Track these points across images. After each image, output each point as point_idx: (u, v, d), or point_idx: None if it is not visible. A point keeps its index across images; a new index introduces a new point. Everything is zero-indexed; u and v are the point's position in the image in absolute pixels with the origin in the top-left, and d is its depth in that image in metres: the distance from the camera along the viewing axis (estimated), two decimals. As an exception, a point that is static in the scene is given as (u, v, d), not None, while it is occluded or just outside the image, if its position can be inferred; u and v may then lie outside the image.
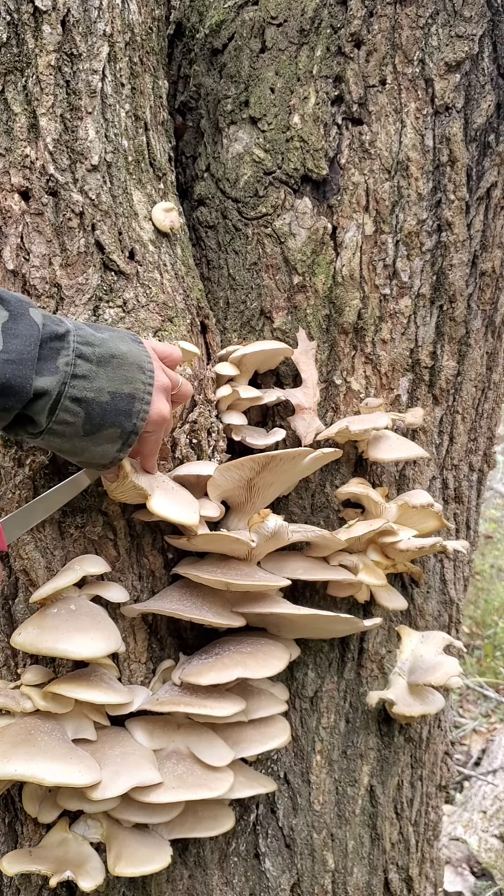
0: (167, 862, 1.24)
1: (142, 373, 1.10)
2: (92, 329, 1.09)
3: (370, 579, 1.41)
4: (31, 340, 1.01)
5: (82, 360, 1.05)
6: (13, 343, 1.00)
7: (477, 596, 4.96)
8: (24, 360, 1.00)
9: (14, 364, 0.99)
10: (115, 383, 1.07)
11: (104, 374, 1.07)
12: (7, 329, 1.00)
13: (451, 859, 2.85)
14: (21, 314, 1.02)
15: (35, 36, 1.24)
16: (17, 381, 1.00)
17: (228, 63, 1.54)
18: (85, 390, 1.05)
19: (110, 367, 1.07)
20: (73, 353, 1.04)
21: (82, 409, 1.05)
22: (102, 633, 1.21)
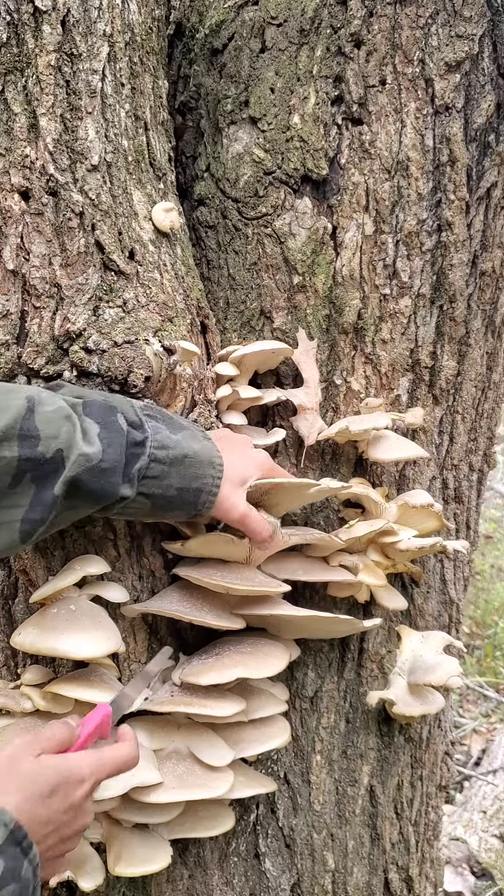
0: (167, 862, 1.24)
1: (211, 468, 1.20)
2: (168, 429, 1.17)
3: (370, 579, 1.41)
4: (121, 449, 1.10)
5: (155, 462, 1.14)
6: (109, 453, 1.09)
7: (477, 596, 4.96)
8: (116, 468, 1.09)
9: (109, 472, 1.09)
10: (185, 480, 1.17)
11: (174, 473, 1.16)
12: (102, 438, 1.09)
13: (451, 859, 2.85)
14: (110, 422, 1.11)
15: (35, 36, 1.24)
16: (109, 487, 1.10)
17: (228, 63, 1.54)
18: (153, 487, 1.15)
19: (182, 467, 1.17)
20: (148, 458, 1.13)
21: (149, 500, 1.16)
22: (102, 633, 1.21)
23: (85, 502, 1.10)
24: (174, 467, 1.16)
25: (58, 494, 1.05)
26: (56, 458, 1.04)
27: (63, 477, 1.05)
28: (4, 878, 0.86)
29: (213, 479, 1.20)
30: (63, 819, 0.97)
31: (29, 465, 1.03)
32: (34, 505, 1.04)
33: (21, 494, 1.04)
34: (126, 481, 1.11)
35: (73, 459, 1.05)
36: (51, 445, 1.04)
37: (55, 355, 1.23)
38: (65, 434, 1.05)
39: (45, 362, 1.23)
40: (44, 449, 1.04)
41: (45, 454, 1.04)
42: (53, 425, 1.05)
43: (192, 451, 1.18)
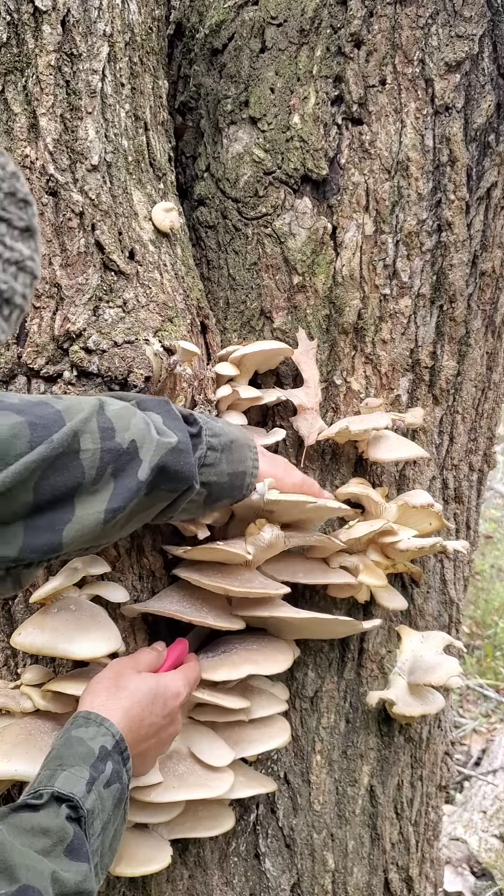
0: (167, 862, 1.24)
1: (250, 451, 1.27)
2: (209, 419, 1.24)
3: (370, 580, 1.41)
4: (184, 430, 1.16)
5: (211, 450, 1.19)
6: (180, 437, 1.14)
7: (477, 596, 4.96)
8: (187, 448, 1.15)
9: (186, 454, 1.14)
10: (234, 465, 1.23)
11: (225, 459, 1.22)
12: (167, 426, 1.14)
13: (451, 859, 2.85)
14: (168, 411, 1.16)
15: (35, 36, 1.24)
16: (187, 468, 1.14)
17: (228, 63, 1.54)
18: (210, 475, 1.20)
19: (230, 452, 1.23)
20: (206, 446, 1.18)
21: (206, 489, 1.20)
22: (102, 633, 1.21)
23: (168, 486, 1.14)
24: (225, 453, 1.21)
25: (143, 480, 1.09)
26: (131, 449, 1.08)
27: (150, 462, 1.09)
28: (112, 778, 1.02)
29: (252, 462, 1.27)
30: (162, 724, 1.14)
31: (110, 456, 1.06)
32: (115, 494, 1.08)
33: (103, 489, 1.07)
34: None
35: (152, 447, 1.10)
36: (125, 436, 1.08)
37: (55, 355, 1.23)
38: (134, 426, 1.09)
39: (45, 362, 1.23)
40: (120, 440, 1.08)
41: (121, 445, 1.08)
42: (123, 419, 1.09)
43: (234, 436, 1.24)
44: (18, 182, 0.70)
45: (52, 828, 0.93)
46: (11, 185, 0.69)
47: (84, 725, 1.05)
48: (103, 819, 0.99)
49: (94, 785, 0.99)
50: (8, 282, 0.68)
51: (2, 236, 0.67)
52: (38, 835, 0.92)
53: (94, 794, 0.99)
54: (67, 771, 0.99)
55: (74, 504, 1.05)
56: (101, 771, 1.01)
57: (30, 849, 0.90)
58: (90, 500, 1.06)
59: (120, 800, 1.04)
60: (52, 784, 0.97)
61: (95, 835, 0.98)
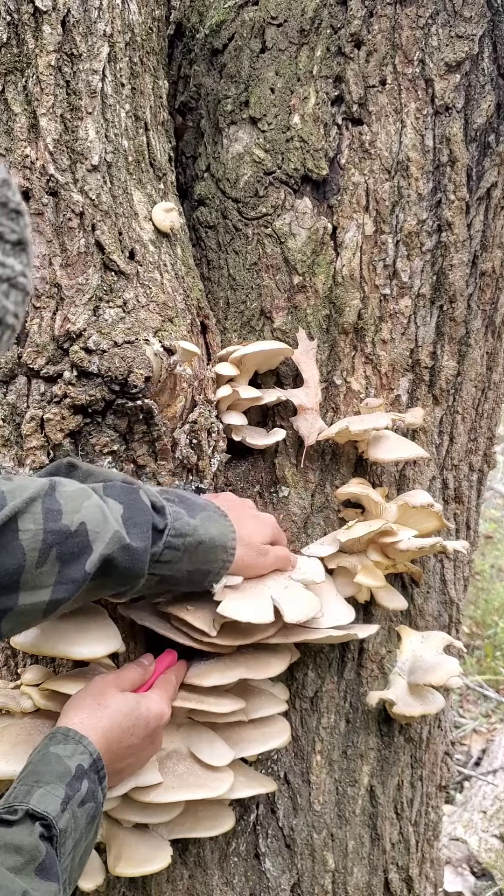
0: (167, 862, 1.24)
1: (224, 552, 1.22)
2: (187, 513, 1.18)
3: (368, 581, 1.41)
4: (147, 529, 1.11)
5: (170, 549, 1.14)
6: (135, 533, 1.10)
7: (477, 596, 4.96)
8: (146, 548, 1.11)
9: (139, 552, 1.10)
10: (196, 564, 1.19)
11: (187, 558, 1.17)
12: (126, 519, 1.10)
13: (451, 859, 2.85)
14: (134, 502, 1.12)
15: (35, 36, 1.24)
16: (138, 566, 1.11)
17: (228, 63, 1.54)
18: (165, 570, 1.16)
19: (196, 553, 1.18)
20: (163, 545, 1.14)
21: (157, 578, 1.16)
22: (102, 633, 1.21)
23: (114, 581, 1.11)
24: (187, 553, 1.17)
25: (89, 571, 1.06)
26: (80, 531, 1.05)
27: (98, 554, 1.06)
28: (87, 797, 1.02)
29: (223, 563, 1.22)
30: (141, 745, 1.13)
31: (54, 538, 1.04)
32: (59, 583, 1.05)
33: (47, 574, 1.04)
34: None
35: (107, 536, 1.06)
36: (74, 519, 1.05)
37: (55, 355, 1.23)
38: (86, 509, 1.06)
39: (45, 362, 1.23)
40: (67, 522, 1.05)
41: (69, 527, 1.04)
42: (75, 501, 1.06)
43: (209, 537, 1.19)
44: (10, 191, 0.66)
45: (25, 846, 0.93)
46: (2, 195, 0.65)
47: (63, 742, 1.05)
48: (75, 837, 0.99)
49: (68, 804, 0.99)
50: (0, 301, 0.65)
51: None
52: (11, 852, 0.92)
53: (69, 813, 0.98)
54: (43, 788, 0.98)
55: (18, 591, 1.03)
56: (76, 790, 1.00)
57: (2, 866, 0.90)
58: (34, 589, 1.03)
59: (93, 818, 1.03)
60: (27, 801, 0.97)
61: (66, 853, 0.97)
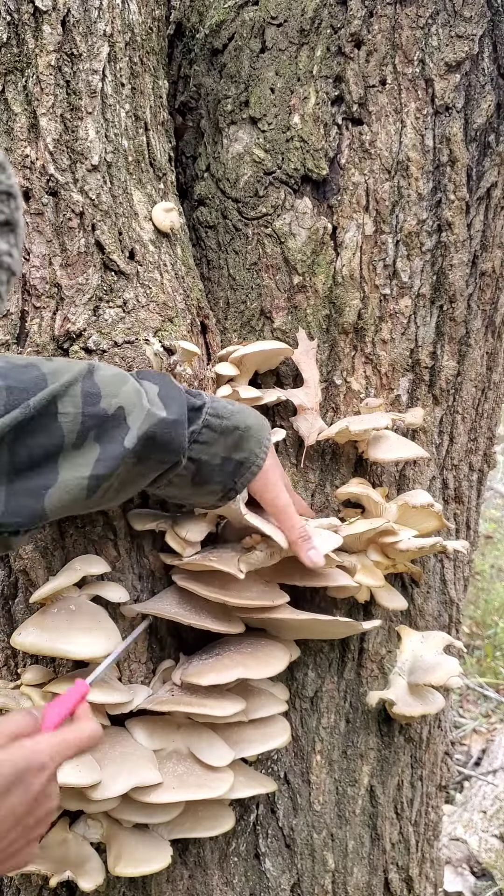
0: (167, 862, 1.24)
1: (259, 446, 1.22)
2: (227, 403, 1.21)
3: (368, 580, 1.41)
4: (182, 403, 1.13)
5: (207, 429, 1.16)
6: (172, 407, 1.12)
7: (477, 596, 4.96)
8: (182, 420, 1.12)
9: (176, 423, 1.11)
10: (230, 451, 1.19)
11: (223, 442, 1.18)
12: (162, 396, 1.12)
13: (451, 859, 2.85)
14: (167, 383, 1.15)
15: (35, 36, 1.24)
16: (178, 439, 1.12)
17: (228, 63, 1.54)
18: (201, 453, 1.16)
19: (231, 437, 1.19)
20: (202, 423, 1.15)
21: (195, 465, 1.17)
22: (103, 633, 1.21)
23: (158, 456, 1.12)
24: (223, 436, 1.18)
25: (129, 448, 1.07)
26: (118, 415, 1.07)
27: (137, 430, 1.08)
28: None
29: (256, 457, 1.21)
30: (24, 810, 0.92)
31: (92, 421, 1.06)
32: (100, 460, 1.07)
33: (86, 454, 1.06)
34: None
35: (141, 416, 1.08)
36: (112, 402, 1.07)
37: (55, 355, 1.23)
38: (124, 393, 1.08)
39: (45, 362, 1.23)
40: (105, 405, 1.07)
41: (106, 410, 1.07)
42: (113, 385, 1.08)
43: (245, 426, 1.20)
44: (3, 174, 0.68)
45: None
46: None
47: None
48: None
49: None
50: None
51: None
52: None
53: None
54: None
55: (58, 468, 1.04)
56: None
57: None
58: (73, 465, 1.05)
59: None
60: None
61: None
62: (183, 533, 1.29)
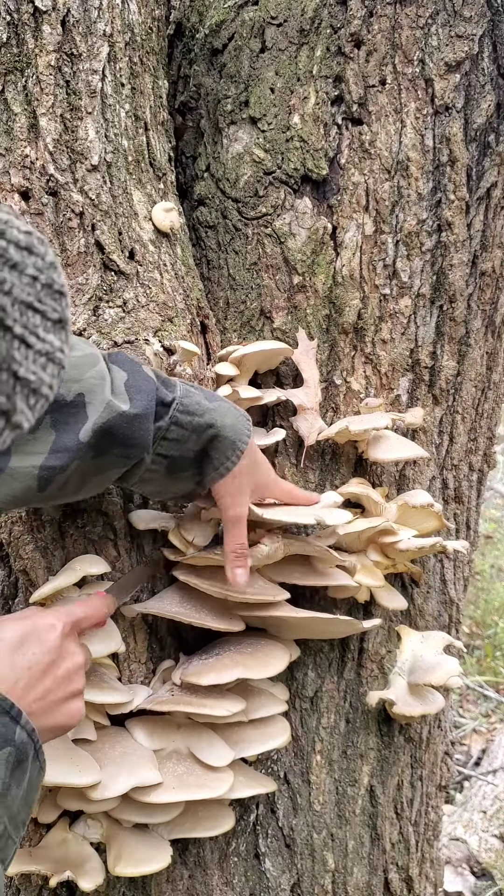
0: (167, 862, 1.24)
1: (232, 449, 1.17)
2: (205, 397, 1.15)
3: (367, 580, 1.41)
4: (150, 396, 1.08)
5: (176, 426, 1.12)
6: (137, 399, 1.07)
7: (477, 596, 4.96)
8: (146, 414, 1.07)
9: (139, 418, 1.07)
10: (205, 445, 1.15)
11: (195, 439, 1.14)
12: (129, 386, 1.07)
13: (451, 859, 2.85)
14: (137, 371, 1.09)
15: (35, 36, 1.24)
16: (141, 434, 1.08)
17: (228, 63, 1.54)
18: (171, 450, 1.13)
19: (204, 435, 1.14)
20: (169, 420, 1.11)
21: (166, 461, 1.14)
22: (102, 633, 1.21)
23: (118, 451, 1.08)
24: (196, 434, 1.14)
25: (83, 441, 1.03)
26: (77, 402, 1.03)
27: (92, 424, 1.03)
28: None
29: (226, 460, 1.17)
30: (48, 661, 0.99)
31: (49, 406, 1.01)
32: (54, 451, 1.03)
33: (40, 441, 1.02)
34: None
35: (100, 407, 1.04)
36: (72, 388, 1.03)
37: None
38: (88, 379, 1.04)
39: (45, 362, 1.22)
40: (65, 391, 1.02)
41: (65, 396, 1.02)
42: (78, 369, 1.03)
43: (221, 424, 1.15)
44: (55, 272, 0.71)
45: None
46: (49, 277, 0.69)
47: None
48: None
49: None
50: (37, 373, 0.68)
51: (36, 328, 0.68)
52: None
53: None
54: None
55: (10, 453, 1.00)
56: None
57: None
58: (26, 452, 1.01)
59: (18, 762, 0.93)
60: None
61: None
62: (189, 537, 1.29)
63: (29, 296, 0.67)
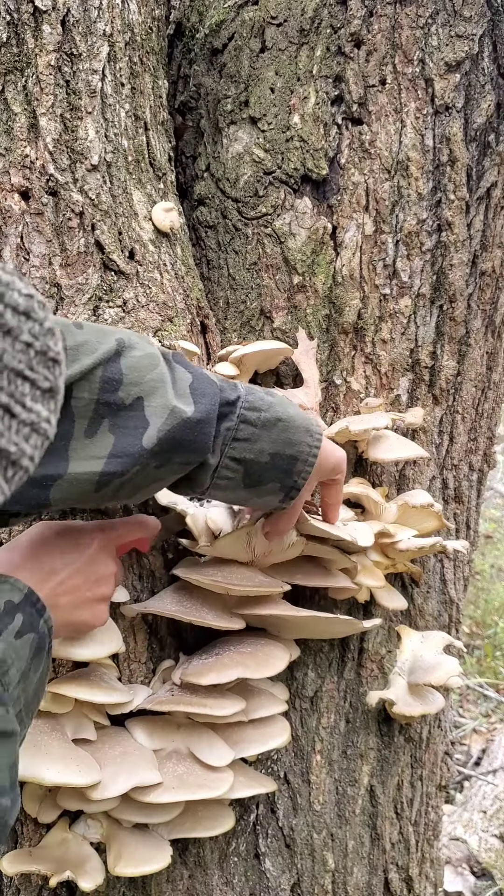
0: (167, 862, 1.24)
1: (308, 435, 1.13)
2: (264, 393, 1.13)
3: (368, 581, 1.41)
4: (214, 399, 1.06)
5: (245, 424, 1.09)
6: (201, 402, 1.05)
7: (477, 596, 4.96)
8: (209, 419, 1.05)
9: (202, 423, 1.04)
10: (277, 445, 1.11)
11: (267, 437, 1.10)
12: (193, 389, 1.05)
13: (451, 859, 2.85)
14: (202, 374, 1.08)
15: (35, 36, 1.24)
16: (201, 439, 1.05)
17: (228, 63, 1.54)
18: (245, 451, 1.09)
19: (274, 430, 1.10)
20: (238, 419, 1.08)
21: (241, 466, 1.10)
22: (102, 633, 1.21)
23: (180, 458, 1.05)
24: (266, 430, 1.09)
25: (147, 448, 1.00)
26: (136, 405, 1.00)
27: (157, 430, 1.00)
28: (23, 627, 0.96)
29: (309, 448, 1.13)
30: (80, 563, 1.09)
31: (106, 409, 0.98)
32: (113, 455, 1.00)
33: (98, 445, 0.99)
34: (214, 439, 1.07)
35: (164, 413, 1.01)
36: (132, 392, 0.99)
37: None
38: (149, 382, 1.01)
39: (45, 362, 1.22)
40: (124, 394, 0.99)
41: (124, 400, 0.99)
42: (138, 371, 1.00)
43: (287, 416, 1.11)
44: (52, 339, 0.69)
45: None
46: (44, 344, 0.68)
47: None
48: (20, 667, 0.94)
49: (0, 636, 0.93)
50: (19, 444, 0.67)
51: (23, 397, 0.66)
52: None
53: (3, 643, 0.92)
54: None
55: (68, 457, 0.98)
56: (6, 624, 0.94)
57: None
58: (85, 457, 0.99)
59: (39, 649, 0.97)
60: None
61: (12, 683, 0.92)
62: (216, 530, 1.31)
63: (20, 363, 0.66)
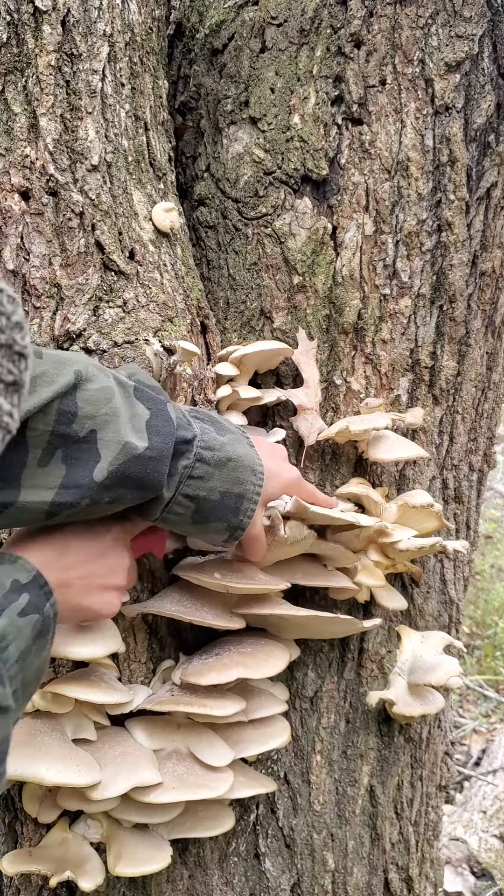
0: (167, 862, 1.24)
1: (253, 475, 1.17)
2: (216, 432, 1.16)
3: (369, 580, 1.41)
4: (168, 438, 1.08)
5: (201, 462, 1.12)
6: (155, 440, 1.07)
7: (477, 596, 4.96)
8: (163, 457, 1.08)
9: (154, 460, 1.07)
10: (227, 484, 1.15)
11: (218, 476, 1.14)
12: (150, 426, 1.08)
13: (451, 859, 2.85)
14: (160, 411, 1.10)
15: (35, 36, 1.24)
16: (154, 476, 1.07)
17: (228, 63, 1.54)
18: (198, 489, 1.13)
19: (225, 469, 1.14)
20: (194, 458, 1.11)
21: (193, 504, 1.13)
22: (102, 633, 1.21)
23: (131, 493, 1.08)
24: (218, 469, 1.13)
25: (98, 481, 1.03)
26: (89, 438, 1.02)
27: (109, 465, 1.03)
28: (28, 608, 0.97)
29: (254, 487, 1.18)
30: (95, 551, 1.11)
31: (60, 441, 1.00)
32: (64, 486, 1.02)
33: (50, 475, 1.01)
34: (169, 476, 1.10)
35: (117, 448, 1.03)
36: (85, 425, 1.01)
37: (55, 355, 1.23)
38: (102, 416, 1.03)
39: (45, 362, 1.22)
40: (78, 427, 1.01)
41: (78, 433, 1.01)
42: (92, 405, 1.02)
43: (236, 455, 1.16)
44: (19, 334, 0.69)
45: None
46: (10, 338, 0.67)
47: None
48: (20, 646, 0.95)
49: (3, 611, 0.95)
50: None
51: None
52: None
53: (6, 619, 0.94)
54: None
55: (20, 485, 1.00)
56: (12, 600, 0.96)
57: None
58: (36, 486, 1.00)
59: (43, 632, 0.99)
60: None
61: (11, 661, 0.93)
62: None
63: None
